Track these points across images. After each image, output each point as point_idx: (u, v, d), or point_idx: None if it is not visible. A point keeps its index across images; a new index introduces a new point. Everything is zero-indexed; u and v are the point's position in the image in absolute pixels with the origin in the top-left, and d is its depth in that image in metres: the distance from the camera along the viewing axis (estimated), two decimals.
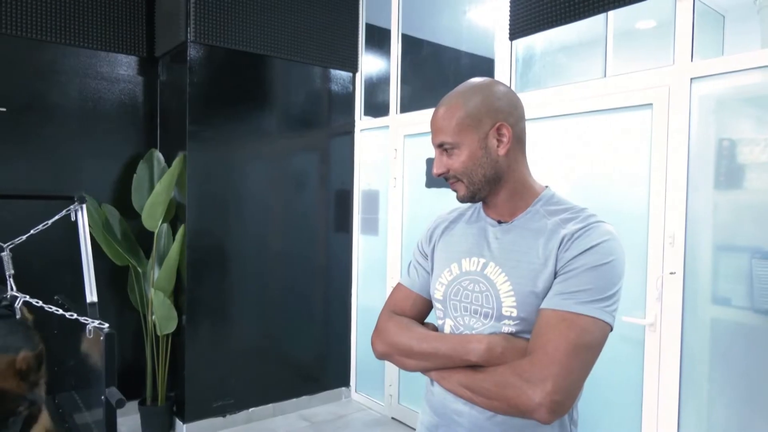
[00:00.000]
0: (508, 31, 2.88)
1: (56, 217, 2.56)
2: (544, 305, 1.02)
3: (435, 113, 1.13)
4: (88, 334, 1.96)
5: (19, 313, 2.19)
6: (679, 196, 2.19)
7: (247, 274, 3.55)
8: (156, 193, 3.20)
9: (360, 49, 4.01)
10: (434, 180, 3.35)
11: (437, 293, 1.19)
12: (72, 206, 2.60)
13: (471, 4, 3.69)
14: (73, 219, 2.60)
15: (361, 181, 4.04)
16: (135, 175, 3.46)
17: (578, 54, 3.01)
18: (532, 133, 2.71)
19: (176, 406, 3.42)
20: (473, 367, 1.05)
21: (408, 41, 3.78)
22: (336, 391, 4.01)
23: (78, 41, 3.34)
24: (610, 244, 1.03)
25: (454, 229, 1.23)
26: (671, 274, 2.21)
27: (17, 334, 2.03)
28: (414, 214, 3.61)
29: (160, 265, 3.35)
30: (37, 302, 2.05)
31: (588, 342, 0.98)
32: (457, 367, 1.07)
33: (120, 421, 1.93)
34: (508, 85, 2.95)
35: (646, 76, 2.32)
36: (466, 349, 1.05)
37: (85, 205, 2.62)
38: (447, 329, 1.17)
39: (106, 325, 1.91)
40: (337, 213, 3.99)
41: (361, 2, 3.97)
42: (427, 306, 1.26)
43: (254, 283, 3.59)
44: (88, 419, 2.19)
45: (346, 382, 4.07)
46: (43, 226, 2.52)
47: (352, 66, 3.99)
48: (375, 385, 3.89)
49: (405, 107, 3.71)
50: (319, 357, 3.93)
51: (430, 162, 3.40)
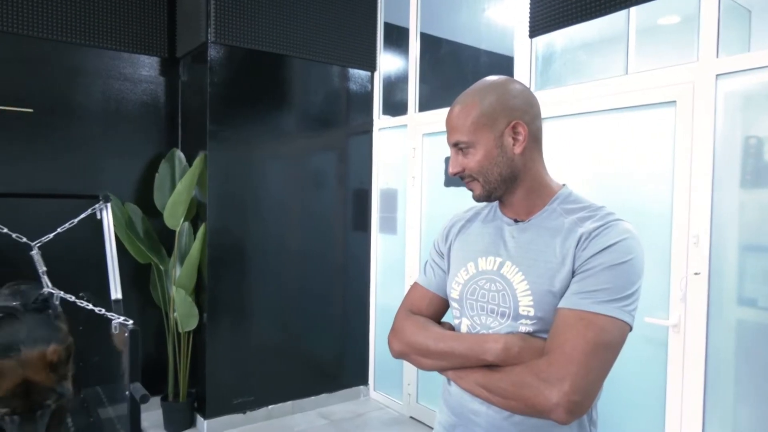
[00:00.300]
0: (528, 29, 2.85)
1: (82, 216, 2.61)
2: (561, 304, 1.01)
3: (450, 112, 1.13)
4: (113, 330, 2.00)
5: (59, 308, 2.24)
6: (704, 196, 2.14)
7: (267, 272, 3.58)
8: (177, 192, 3.24)
9: (378, 48, 4.01)
10: (453, 179, 3.34)
11: (454, 292, 1.18)
12: (97, 205, 2.65)
13: (490, 2, 3.67)
14: (99, 218, 2.65)
15: (380, 180, 4.04)
16: (157, 175, 3.51)
17: (599, 51, 2.96)
18: (553, 132, 2.70)
19: (197, 402, 3.47)
20: (490, 366, 1.05)
21: (427, 40, 3.76)
22: (354, 389, 4.02)
23: (102, 42, 3.41)
24: (628, 242, 1.01)
25: (471, 228, 1.23)
26: (696, 274, 2.16)
27: (47, 328, 2.08)
28: (432, 213, 3.60)
29: (182, 263, 3.40)
30: (71, 298, 2.10)
31: (606, 342, 0.96)
32: (474, 366, 1.07)
33: (143, 416, 1.97)
34: (528, 83, 2.92)
35: (670, 73, 2.28)
36: (482, 349, 1.05)
37: (109, 204, 2.67)
38: (463, 329, 1.16)
39: (131, 322, 1.95)
40: (355, 212, 4.00)
41: (379, 1, 3.97)
42: (444, 305, 1.25)
43: (273, 281, 3.62)
44: (112, 414, 2.24)
45: (364, 381, 4.08)
46: (70, 225, 2.57)
47: (371, 65, 3.99)
48: (393, 384, 3.89)
49: (423, 106, 3.70)
50: (338, 355, 3.95)
51: (448, 161, 3.38)
